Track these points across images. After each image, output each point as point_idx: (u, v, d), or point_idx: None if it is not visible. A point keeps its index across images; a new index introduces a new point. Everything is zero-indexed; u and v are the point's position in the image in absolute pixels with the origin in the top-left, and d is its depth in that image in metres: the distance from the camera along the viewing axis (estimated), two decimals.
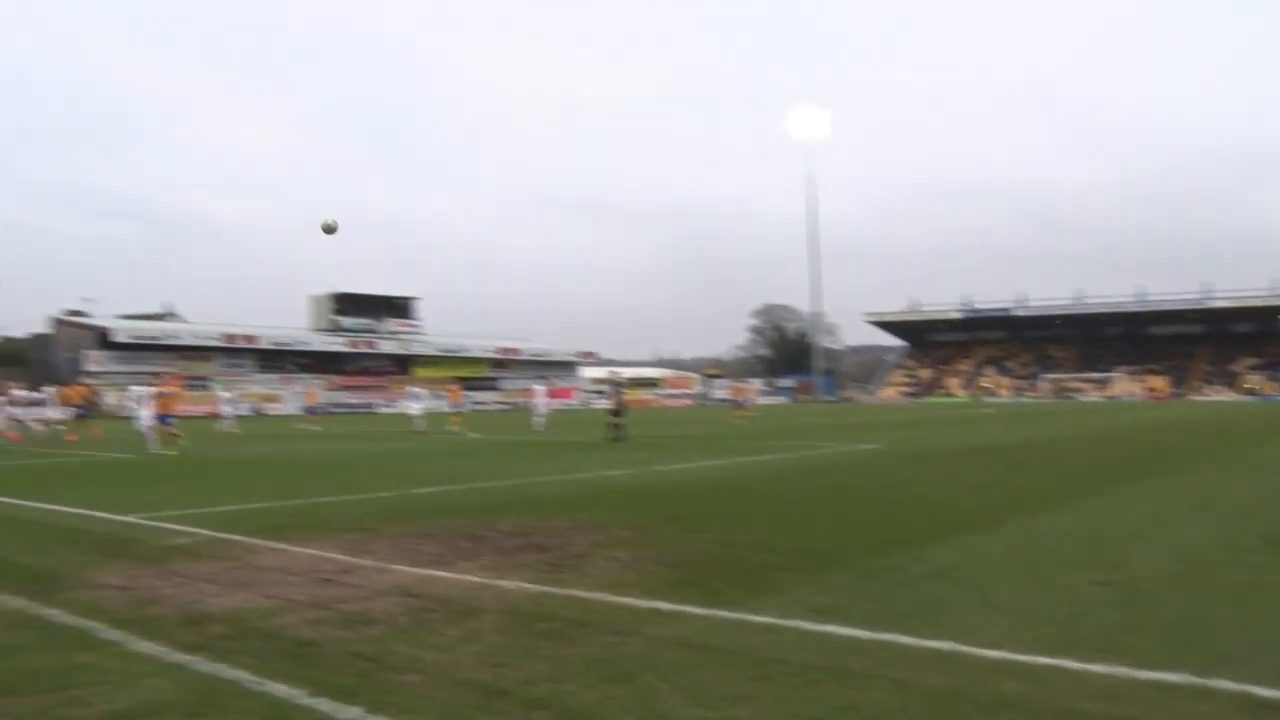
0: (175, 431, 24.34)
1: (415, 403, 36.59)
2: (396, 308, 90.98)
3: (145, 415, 25.05)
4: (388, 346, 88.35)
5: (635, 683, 4.79)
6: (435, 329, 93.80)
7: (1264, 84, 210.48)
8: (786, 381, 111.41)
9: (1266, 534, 9.14)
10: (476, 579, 7.37)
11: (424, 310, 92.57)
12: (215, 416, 43.18)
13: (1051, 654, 5.18)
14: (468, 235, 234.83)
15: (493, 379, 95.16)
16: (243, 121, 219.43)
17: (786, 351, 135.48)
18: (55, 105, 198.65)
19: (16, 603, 6.66)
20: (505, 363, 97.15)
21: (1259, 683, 4.68)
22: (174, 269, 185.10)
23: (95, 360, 73.12)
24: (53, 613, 6.34)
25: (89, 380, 34.98)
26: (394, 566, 7.89)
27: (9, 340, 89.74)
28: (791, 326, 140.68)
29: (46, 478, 17.45)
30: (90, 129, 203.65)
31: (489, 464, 19.58)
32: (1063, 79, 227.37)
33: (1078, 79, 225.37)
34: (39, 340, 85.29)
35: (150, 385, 30.49)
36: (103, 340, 74.44)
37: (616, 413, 28.09)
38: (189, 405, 71.29)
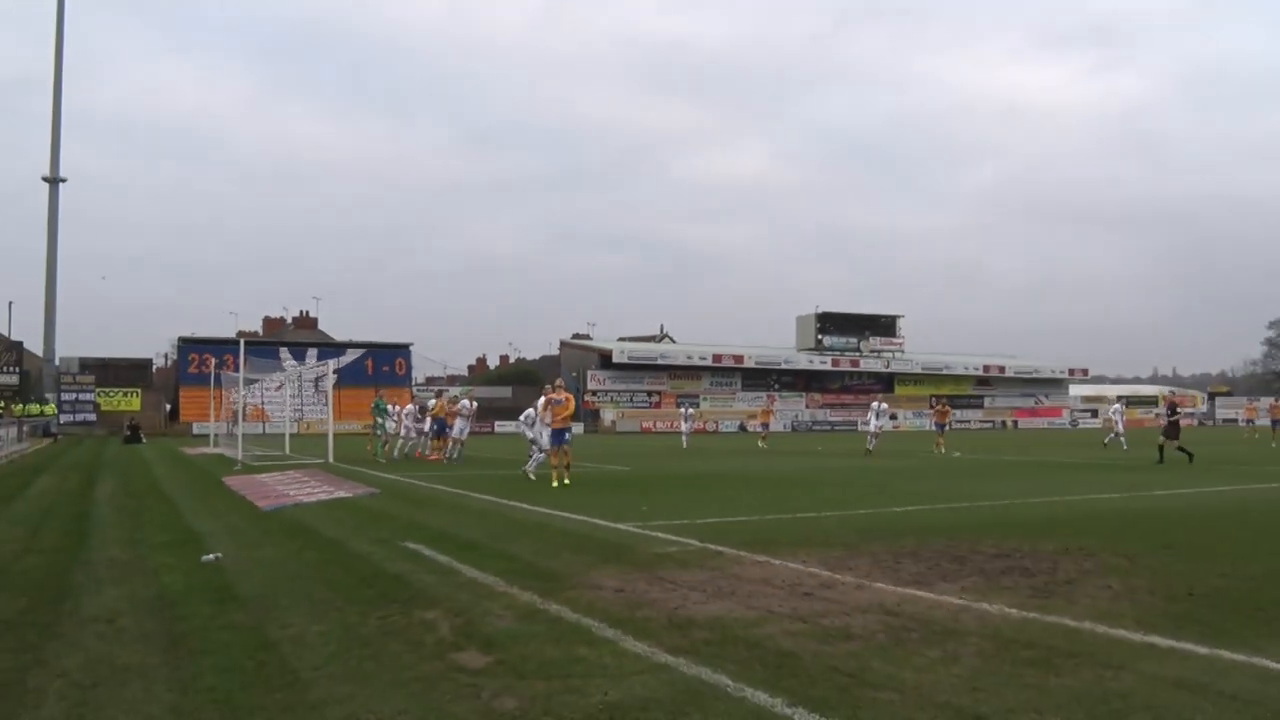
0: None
1: (876, 419, 33.40)
2: (879, 326, 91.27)
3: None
4: (870, 365, 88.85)
5: None
6: (917, 347, 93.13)
7: None
8: None
9: None
10: (958, 601, 7.21)
11: (906, 328, 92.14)
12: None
13: None
14: (951, 253, 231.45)
15: (977, 397, 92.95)
16: (729, 156, 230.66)
17: None
18: (561, 156, 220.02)
19: (527, 597, 7.41)
20: (989, 380, 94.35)
21: None
22: (669, 295, 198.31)
23: (596, 379, 79.90)
24: (557, 608, 6.99)
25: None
26: (874, 584, 7.90)
27: (522, 362, 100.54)
28: None
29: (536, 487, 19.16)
30: (597, 175, 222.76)
31: (971, 484, 19.08)
32: None
33: None
34: (547, 361, 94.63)
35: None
36: (604, 360, 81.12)
37: (1170, 434, 26.51)
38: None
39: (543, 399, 19.81)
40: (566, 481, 18.20)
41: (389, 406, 31.50)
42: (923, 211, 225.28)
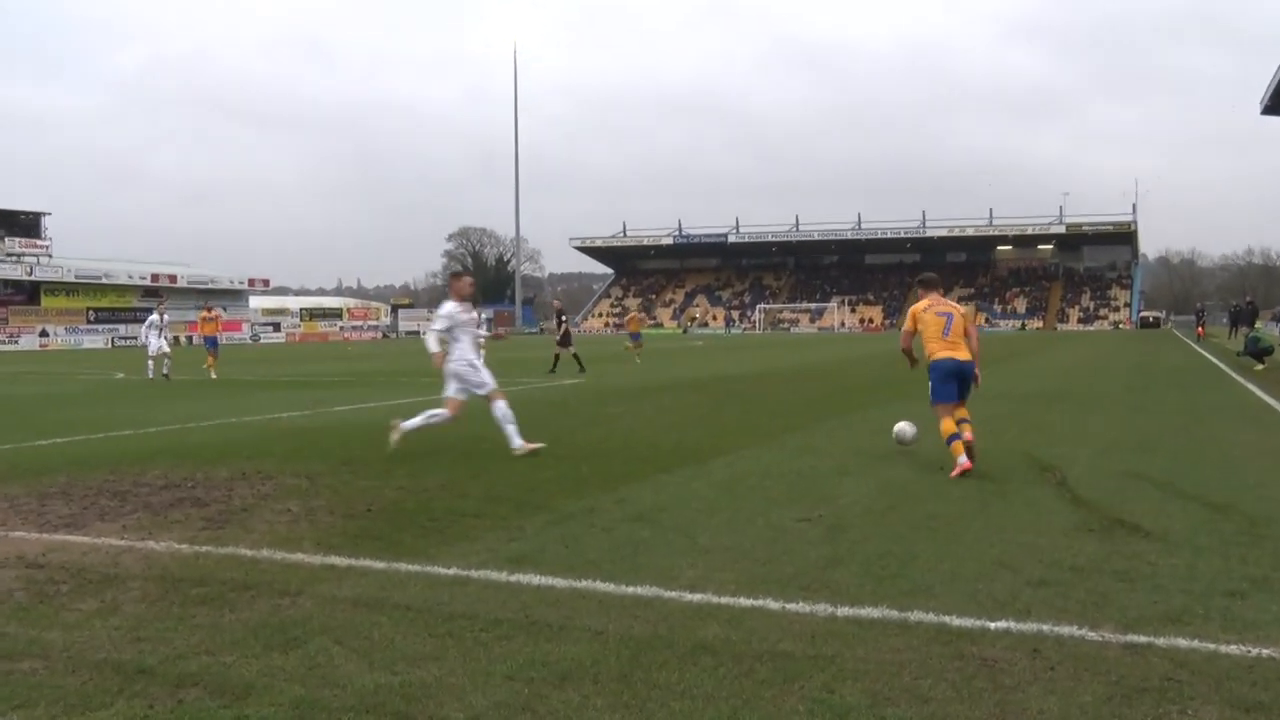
0: None
1: (156, 335, 28.69)
2: (20, 225, 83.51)
3: None
4: (9, 271, 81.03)
5: (305, 648, 4.64)
6: (69, 250, 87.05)
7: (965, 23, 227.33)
8: (484, 312, 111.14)
9: None
10: (118, 542, 6.94)
11: (55, 228, 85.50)
12: None
13: (754, 595, 5.38)
14: (102, 142, 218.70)
15: (145, 310, 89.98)
16: None
17: (485, 280, 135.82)
18: None
19: None
20: (159, 291, 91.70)
21: (953, 613, 5.04)
22: None
23: None
24: None
25: None
26: (13, 533, 7.33)
27: None
28: (490, 253, 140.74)
29: None
30: None
31: (139, 408, 18.51)
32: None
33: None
34: None
35: None
36: None
37: (563, 343, 29.87)
38: None
39: None
40: None
41: None
42: (62, 93, 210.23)
